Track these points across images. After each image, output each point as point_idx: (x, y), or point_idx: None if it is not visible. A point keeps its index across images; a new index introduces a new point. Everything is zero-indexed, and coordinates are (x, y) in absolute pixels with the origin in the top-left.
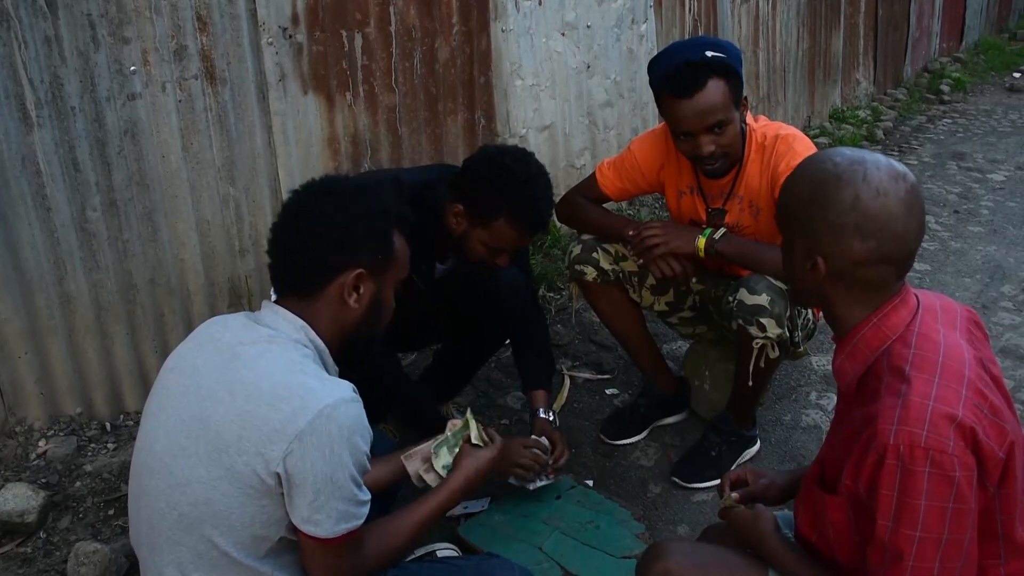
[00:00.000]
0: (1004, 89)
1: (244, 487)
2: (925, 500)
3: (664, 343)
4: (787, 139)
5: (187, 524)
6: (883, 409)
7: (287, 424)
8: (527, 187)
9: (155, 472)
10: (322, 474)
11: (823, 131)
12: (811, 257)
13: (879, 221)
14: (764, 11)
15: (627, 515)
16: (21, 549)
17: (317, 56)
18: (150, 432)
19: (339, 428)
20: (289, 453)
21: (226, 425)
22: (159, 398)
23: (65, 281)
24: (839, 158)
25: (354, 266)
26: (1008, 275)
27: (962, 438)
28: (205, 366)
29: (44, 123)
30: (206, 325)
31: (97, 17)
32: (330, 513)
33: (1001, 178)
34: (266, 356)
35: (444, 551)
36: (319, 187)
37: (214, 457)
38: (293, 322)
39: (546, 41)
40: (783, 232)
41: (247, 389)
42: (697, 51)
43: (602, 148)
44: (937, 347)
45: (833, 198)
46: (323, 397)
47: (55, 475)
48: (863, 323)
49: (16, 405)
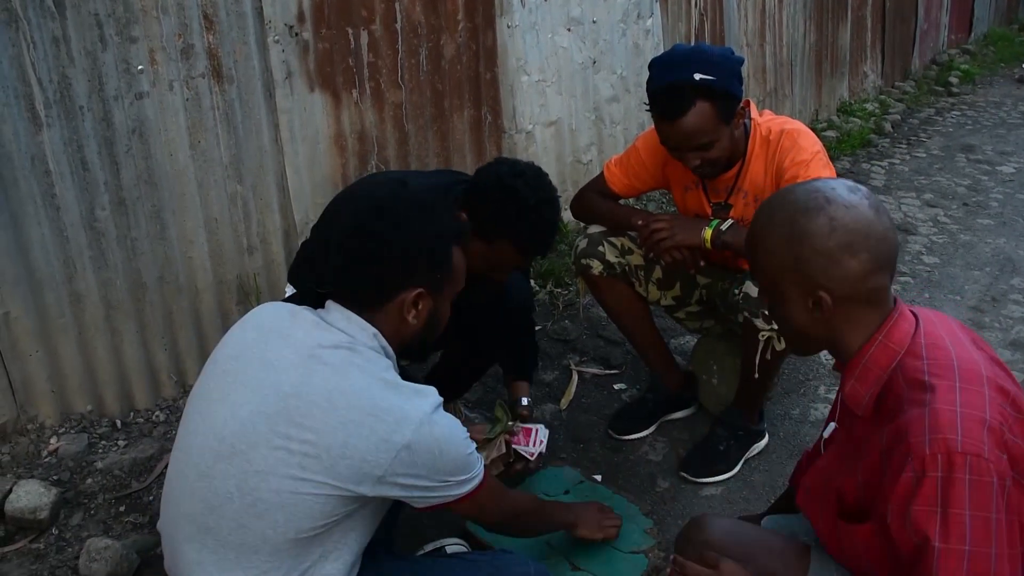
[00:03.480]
0: (1014, 81)
1: (339, 488)
2: (969, 510)
3: (671, 338)
4: (791, 134)
5: (261, 510)
6: (911, 422)
7: (392, 434)
8: (533, 214)
9: (226, 457)
10: (438, 469)
11: (831, 124)
12: (811, 295)
13: (861, 232)
14: (770, 4)
15: (635, 510)
16: (33, 545)
17: (323, 54)
18: (216, 417)
19: (443, 431)
20: (399, 461)
21: (328, 429)
22: (223, 385)
23: (75, 280)
24: (795, 195)
25: (415, 286)
26: (1018, 267)
27: (993, 441)
28: (280, 361)
29: (53, 123)
30: (268, 313)
31: (104, 17)
32: (462, 481)
33: (1011, 170)
34: (355, 364)
35: (453, 546)
36: (378, 202)
37: (313, 456)
38: (366, 329)
39: (552, 37)
40: (771, 294)
41: (347, 399)
42: (686, 71)
43: (608, 143)
44: (949, 353)
45: (810, 229)
46: (422, 405)
47: (67, 472)
48: (868, 344)
49: (27, 403)
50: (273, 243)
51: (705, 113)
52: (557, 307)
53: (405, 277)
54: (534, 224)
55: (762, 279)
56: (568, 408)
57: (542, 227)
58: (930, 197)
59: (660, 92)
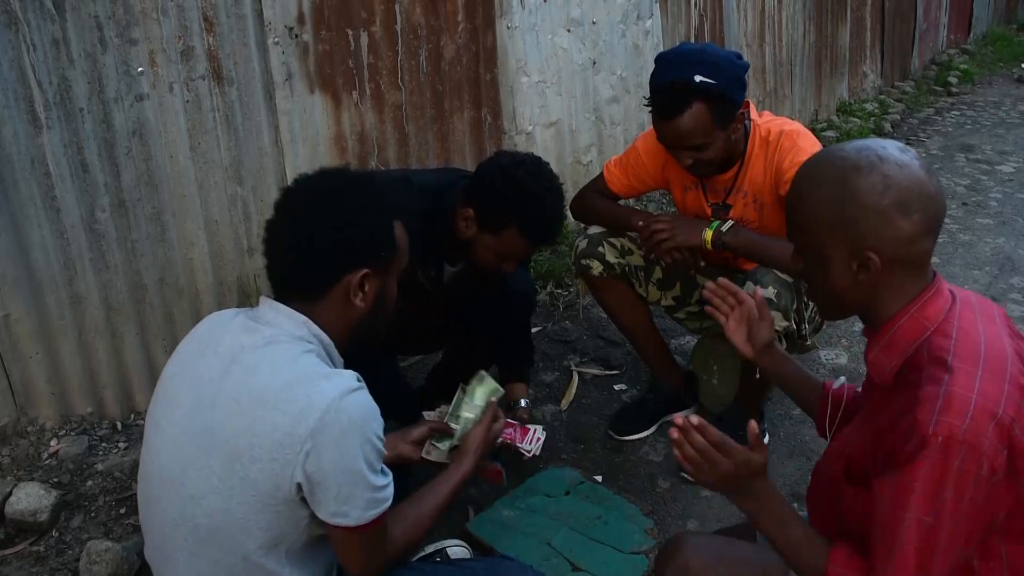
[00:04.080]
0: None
1: (260, 495)
2: (948, 493)
3: (671, 338)
4: (791, 135)
5: (203, 535)
6: (925, 399)
7: (296, 426)
8: (539, 201)
9: (164, 484)
10: (341, 467)
11: (830, 124)
12: (859, 257)
13: (914, 191)
14: (770, 5)
15: (636, 510)
16: (34, 548)
17: (323, 55)
18: (156, 443)
19: (350, 419)
20: (305, 455)
21: (236, 435)
22: (162, 407)
23: (75, 281)
24: (844, 152)
25: (359, 267)
26: (1017, 267)
27: (999, 436)
28: (207, 375)
29: (53, 125)
30: (204, 326)
31: (104, 19)
32: (356, 503)
33: (1010, 170)
34: (267, 359)
35: (455, 549)
36: (314, 185)
37: (228, 468)
38: (294, 318)
39: (552, 38)
40: (811, 255)
41: (252, 396)
42: (688, 71)
43: (608, 144)
44: (978, 339)
45: (864, 187)
46: (328, 392)
47: (67, 474)
48: (900, 314)
49: (28, 405)
50: None
51: (701, 115)
52: (557, 308)
53: (347, 259)
54: (540, 210)
55: (802, 239)
56: (568, 409)
57: (548, 213)
58: None
59: (660, 89)
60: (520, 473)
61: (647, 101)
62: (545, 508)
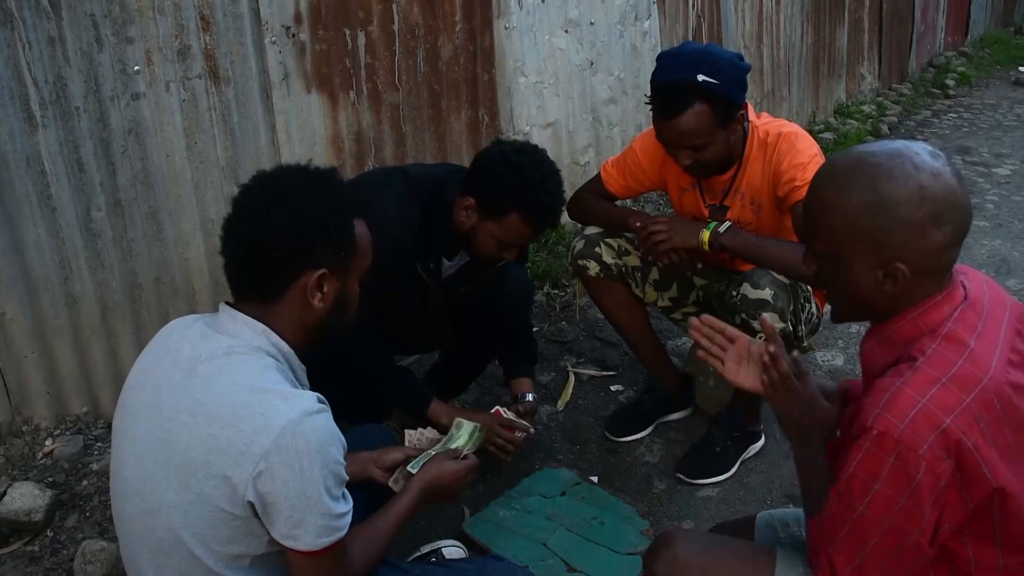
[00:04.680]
0: (1009, 83)
1: (216, 510)
2: (879, 486)
3: (668, 339)
4: (789, 137)
5: (166, 548)
6: (878, 389)
7: (251, 445)
8: (540, 185)
9: (128, 497)
10: (294, 491)
11: (828, 126)
12: (886, 267)
13: (948, 202)
14: (768, 6)
15: (632, 511)
16: (28, 548)
17: (320, 55)
18: (119, 455)
19: (306, 442)
20: (257, 475)
21: (191, 449)
22: (124, 418)
23: (71, 281)
24: (876, 158)
25: (316, 267)
26: (1014, 269)
27: (942, 445)
28: (166, 384)
29: (48, 123)
30: (163, 334)
31: (100, 17)
32: (308, 528)
33: (1007, 172)
34: (225, 372)
35: (450, 549)
36: (270, 183)
37: (183, 482)
38: (253, 327)
39: (549, 38)
40: (832, 261)
41: (208, 410)
42: (691, 70)
43: (606, 145)
44: (963, 349)
45: (898, 196)
46: (286, 413)
47: (62, 474)
48: (905, 314)
49: (23, 404)
50: None
51: (702, 115)
52: (554, 308)
53: (302, 259)
54: (543, 195)
55: (824, 244)
56: (565, 409)
57: (550, 197)
58: None
59: (661, 88)
60: (516, 474)
61: (648, 99)
62: (541, 509)
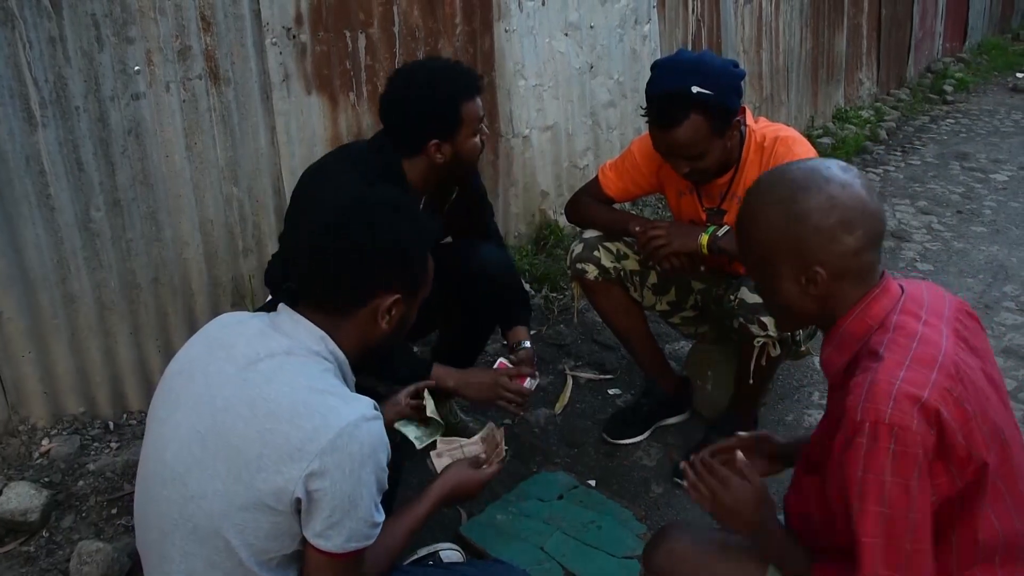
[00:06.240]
0: (1007, 89)
1: (260, 504)
2: (889, 477)
3: (666, 343)
4: (786, 141)
5: (201, 536)
6: (854, 387)
7: (308, 443)
8: (447, 74)
9: (167, 482)
10: (342, 493)
11: (826, 131)
12: (806, 271)
13: (856, 210)
14: (767, 11)
15: (629, 515)
16: (24, 548)
17: (321, 56)
18: (160, 439)
19: (361, 447)
20: (310, 473)
21: (246, 442)
22: (168, 404)
23: (68, 280)
24: (791, 174)
25: (392, 292)
26: (1011, 275)
27: (925, 418)
28: (219, 376)
29: (48, 123)
30: (217, 326)
31: (101, 17)
32: (342, 531)
33: (1004, 178)
34: (285, 370)
35: (448, 552)
36: (366, 205)
37: (233, 472)
38: (313, 332)
39: (549, 41)
40: (763, 270)
41: (268, 406)
42: (685, 81)
43: (605, 148)
44: (914, 332)
45: (810, 207)
46: (345, 415)
47: (58, 474)
48: (848, 314)
49: (19, 404)
50: (268, 245)
51: (698, 126)
52: (552, 312)
53: (384, 283)
54: (455, 76)
55: (754, 255)
56: (562, 413)
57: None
58: (924, 204)
59: (656, 99)
60: (513, 477)
61: (644, 110)
62: (538, 512)
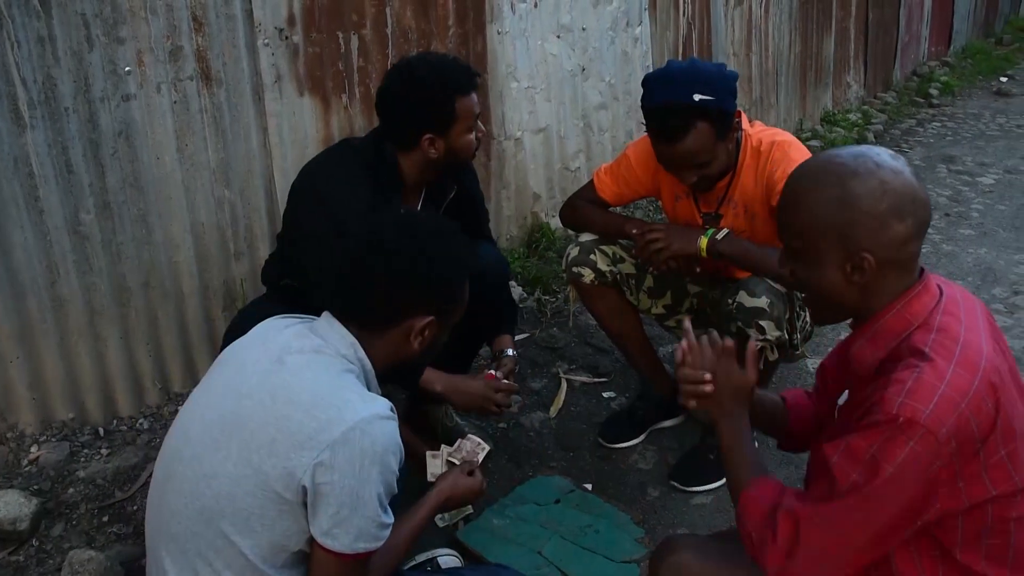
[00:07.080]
0: (991, 93)
1: (267, 490)
2: (893, 469)
3: (661, 346)
4: (782, 146)
5: (207, 517)
6: (896, 380)
7: (320, 432)
8: (446, 67)
9: (186, 460)
10: (349, 488)
11: (815, 134)
12: (853, 259)
13: (907, 196)
14: (757, 15)
15: (626, 519)
16: (13, 557)
17: (313, 57)
18: (188, 420)
19: (372, 443)
20: (318, 463)
21: (262, 427)
22: (204, 388)
23: (58, 284)
24: (841, 158)
25: (427, 314)
26: (999, 277)
27: (954, 426)
28: (251, 364)
29: (37, 124)
30: (267, 323)
31: (91, 17)
32: (349, 529)
33: (990, 181)
34: (312, 366)
35: (445, 558)
36: (411, 229)
37: (243, 455)
38: (345, 338)
39: (541, 43)
40: (804, 257)
41: (288, 395)
42: (685, 91)
43: (596, 151)
44: (957, 335)
45: (862, 192)
46: (360, 411)
47: (47, 481)
48: (887, 309)
49: (7, 410)
50: (260, 248)
51: (704, 134)
52: (545, 314)
53: (420, 305)
54: (449, 71)
55: (798, 241)
56: (557, 416)
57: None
58: None
59: (658, 112)
60: (509, 481)
61: (645, 126)
62: (535, 517)
